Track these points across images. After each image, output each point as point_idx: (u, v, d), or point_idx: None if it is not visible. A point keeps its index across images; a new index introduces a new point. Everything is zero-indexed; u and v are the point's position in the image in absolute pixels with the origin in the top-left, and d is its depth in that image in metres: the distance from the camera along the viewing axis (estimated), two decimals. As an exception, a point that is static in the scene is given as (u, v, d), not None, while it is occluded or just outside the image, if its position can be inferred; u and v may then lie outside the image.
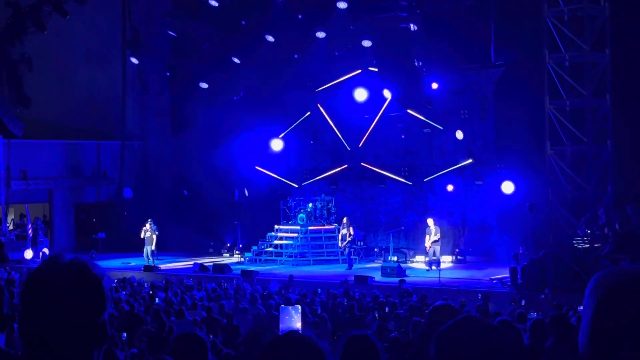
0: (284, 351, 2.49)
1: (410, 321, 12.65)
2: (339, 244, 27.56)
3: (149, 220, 28.43)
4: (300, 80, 31.31)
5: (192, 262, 27.53)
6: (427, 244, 25.49)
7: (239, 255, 29.52)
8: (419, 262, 26.74)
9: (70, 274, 2.47)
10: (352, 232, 27.09)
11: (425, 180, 29.61)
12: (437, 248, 25.34)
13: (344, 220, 27.59)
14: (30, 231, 30.07)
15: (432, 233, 25.39)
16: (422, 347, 3.92)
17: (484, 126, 28.23)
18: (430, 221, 25.85)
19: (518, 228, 26.07)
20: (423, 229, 26.43)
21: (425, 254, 25.82)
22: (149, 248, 28.14)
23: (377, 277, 23.69)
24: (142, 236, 28.24)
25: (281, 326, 5.35)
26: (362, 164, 31.06)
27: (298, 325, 5.20)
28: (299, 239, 28.64)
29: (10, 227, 32.90)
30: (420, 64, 26.26)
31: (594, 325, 2.03)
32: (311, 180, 32.41)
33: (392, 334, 12.53)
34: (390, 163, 30.70)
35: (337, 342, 11.06)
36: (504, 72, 27.01)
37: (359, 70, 29.88)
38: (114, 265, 28.92)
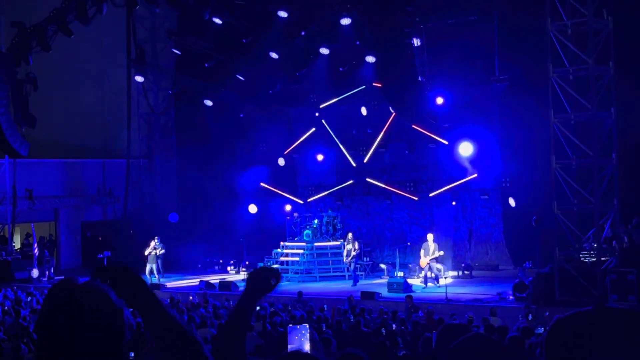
0: None
1: (418, 337, 12.62)
2: (344, 260, 27.49)
3: (156, 237, 28.40)
4: (304, 97, 31.39)
5: (198, 280, 27.47)
6: (423, 260, 25.23)
7: (245, 272, 29.44)
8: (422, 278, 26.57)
9: (90, 302, 2.44)
10: (357, 247, 27.02)
11: (430, 195, 29.59)
12: (434, 264, 25.15)
13: (349, 236, 27.53)
14: (36, 250, 30.07)
15: (431, 250, 25.14)
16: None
17: (489, 140, 28.19)
18: (430, 237, 25.60)
19: (524, 242, 26.00)
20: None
21: (421, 270, 25.59)
22: (152, 266, 28.05)
23: (384, 292, 23.61)
24: (146, 253, 28.14)
25: (290, 347, 5.24)
26: (368, 179, 31.05)
27: (307, 346, 5.12)
28: (304, 255, 28.57)
29: (17, 247, 32.93)
30: (424, 79, 26.31)
31: None
32: (317, 197, 32.41)
33: (401, 351, 12.48)
34: (395, 178, 30.69)
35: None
36: (508, 86, 27.00)
37: (363, 86, 29.91)
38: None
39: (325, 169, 32.38)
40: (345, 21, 26.74)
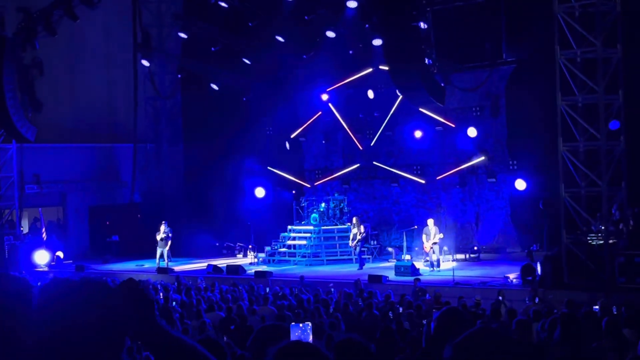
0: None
1: (424, 320, 12.63)
2: (350, 243, 27.48)
3: (163, 222, 28.41)
4: (310, 80, 31.29)
5: (205, 264, 27.53)
6: (426, 245, 25.22)
7: (253, 256, 29.52)
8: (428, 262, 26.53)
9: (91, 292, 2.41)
10: (362, 231, 27.03)
11: (437, 178, 29.56)
12: (437, 248, 25.15)
13: (354, 219, 27.52)
14: (44, 235, 30.14)
15: (432, 234, 25.12)
16: (431, 352, 3.89)
17: (496, 123, 28.14)
18: (430, 222, 25.54)
19: (531, 225, 25.96)
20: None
21: (425, 254, 25.57)
22: (163, 250, 28.05)
23: (391, 276, 23.64)
24: (158, 238, 28.12)
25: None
26: (375, 162, 31.01)
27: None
28: (312, 238, 28.59)
29: (25, 231, 33.02)
30: (431, 62, 26.19)
31: None
32: (323, 180, 32.39)
33: (409, 334, 12.50)
34: (402, 161, 30.64)
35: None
36: (515, 68, 26.92)
37: (370, 69, 29.84)
38: (128, 267, 29.02)
39: (331, 153, 32.36)
40: (352, 4, 26.64)
